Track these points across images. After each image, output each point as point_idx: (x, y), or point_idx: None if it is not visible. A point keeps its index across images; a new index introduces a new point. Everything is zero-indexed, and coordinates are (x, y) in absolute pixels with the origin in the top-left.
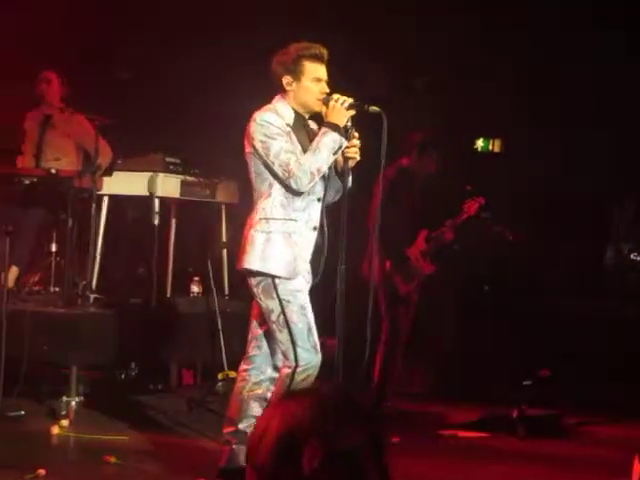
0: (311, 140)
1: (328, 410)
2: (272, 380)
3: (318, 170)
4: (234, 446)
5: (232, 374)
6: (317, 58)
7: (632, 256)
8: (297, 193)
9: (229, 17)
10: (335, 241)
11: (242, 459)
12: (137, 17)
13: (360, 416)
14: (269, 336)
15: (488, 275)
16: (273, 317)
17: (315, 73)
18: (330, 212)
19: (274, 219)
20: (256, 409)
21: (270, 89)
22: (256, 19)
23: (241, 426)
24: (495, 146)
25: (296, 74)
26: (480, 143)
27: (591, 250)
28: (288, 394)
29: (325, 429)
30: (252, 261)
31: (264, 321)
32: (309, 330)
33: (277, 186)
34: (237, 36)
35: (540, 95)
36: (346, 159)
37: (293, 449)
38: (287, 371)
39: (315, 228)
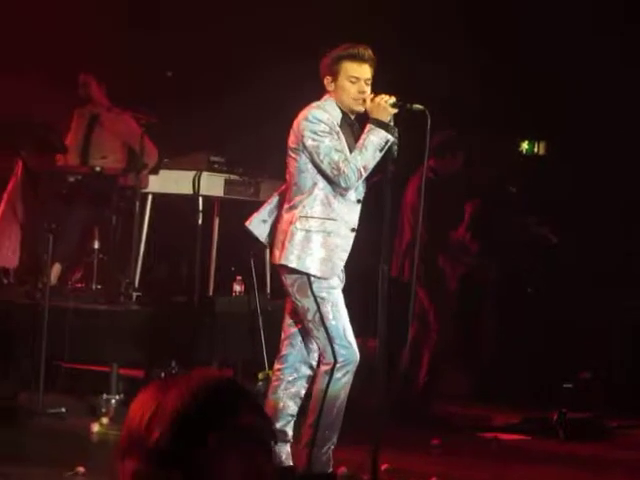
0: (357, 139)
1: (229, 392)
2: (307, 378)
3: (365, 168)
4: None
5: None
6: (356, 57)
7: None
8: (343, 192)
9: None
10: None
11: (282, 457)
12: (179, 14)
13: (252, 404)
14: (304, 334)
15: (531, 277)
16: (309, 316)
17: (352, 72)
18: (366, 212)
19: (314, 217)
20: (292, 408)
21: (317, 87)
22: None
23: (278, 425)
24: (540, 148)
25: (335, 74)
26: (525, 145)
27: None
28: (163, 380)
29: (217, 409)
30: (290, 258)
31: (298, 319)
32: (345, 327)
33: (320, 184)
34: (284, 33)
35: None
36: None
37: (197, 425)
38: (325, 368)
39: (354, 230)
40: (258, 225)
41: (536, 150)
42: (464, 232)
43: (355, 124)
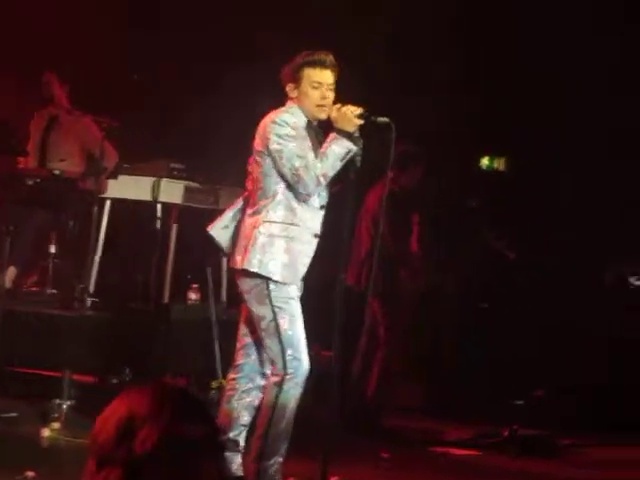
0: (320, 146)
1: (165, 399)
2: (262, 388)
3: (324, 176)
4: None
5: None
6: (318, 64)
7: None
8: (303, 198)
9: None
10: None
11: (234, 467)
12: (143, 19)
13: (198, 413)
14: (258, 344)
15: (486, 292)
16: (263, 324)
17: (315, 77)
18: (326, 220)
19: (277, 222)
20: (246, 418)
21: (278, 94)
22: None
23: (231, 435)
24: (500, 164)
25: (297, 80)
26: (485, 161)
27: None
28: (135, 385)
29: (160, 416)
30: (252, 262)
31: (254, 329)
32: (299, 338)
33: (284, 190)
34: (246, 40)
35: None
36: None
37: (129, 432)
38: (275, 379)
39: (316, 236)
40: (220, 231)
41: (496, 166)
42: (415, 244)
43: (319, 131)
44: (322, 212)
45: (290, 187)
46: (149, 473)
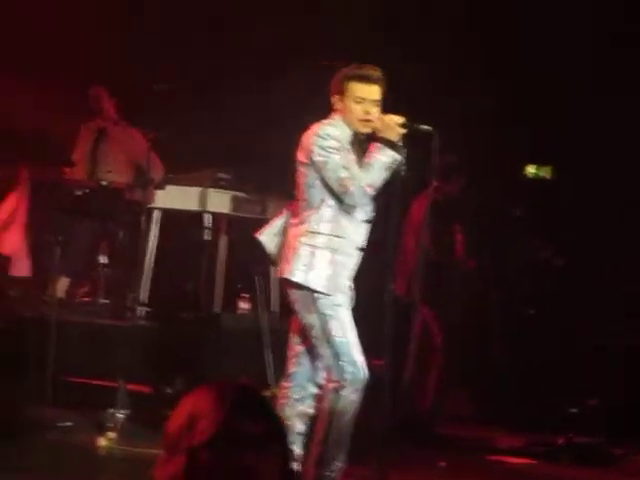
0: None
1: (225, 395)
2: (314, 397)
3: (371, 186)
4: None
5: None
6: (363, 78)
7: None
8: (349, 209)
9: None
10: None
11: None
12: (188, 29)
13: (258, 409)
14: (310, 352)
15: (533, 299)
16: (314, 332)
17: (359, 93)
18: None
19: (321, 234)
20: (299, 426)
21: (326, 104)
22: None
23: None
24: (545, 172)
25: (342, 93)
26: (531, 169)
27: None
28: (205, 385)
29: (219, 410)
30: (294, 272)
31: (305, 337)
32: (352, 345)
33: (329, 201)
34: (294, 49)
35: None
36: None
37: (192, 424)
38: (333, 386)
39: (361, 248)
40: (269, 238)
41: (542, 174)
42: (463, 253)
43: (364, 143)
44: (367, 225)
45: (335, 198)
46: (207, 463)
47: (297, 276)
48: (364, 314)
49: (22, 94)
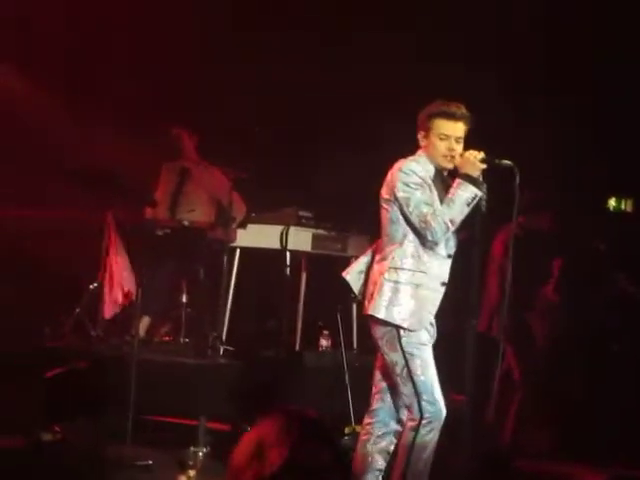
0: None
1: (294, 426)
2: (396, 433)
3: (452, 221)
4: None
5: (359, 429)
6: (448, 115)
7: None
8: (431, 245)
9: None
10: (454, 297)
11: None
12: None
13: (325, 439)
14: (393, 389)
15: (618, 334)
16: (397, 370)
17: (443, 130)
18: (454, 267)
19: (404, 269)
20: (380, 462)
21: (404, 145)
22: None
23: (367, 479)
24: (627, 205)
25: (427, 130)
26: (612, 202)
27: None
28: (267, 415)
29: (289, 441)
30: (378, 308)
31: (388, 374)
32: (433, 384)
33: (411, 236)
34: (371, 87)
35: None
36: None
37: (258, 454)
38: (412, 424)
39: (444, 284)
40: (354, 277)
41: (623, 207)
42: (553, 289)
43: (447, 180)
44: (449, 260)
45: (417, 234)
46: None
47: (381, 312)
48: (447, 349)
49: (106, 136)
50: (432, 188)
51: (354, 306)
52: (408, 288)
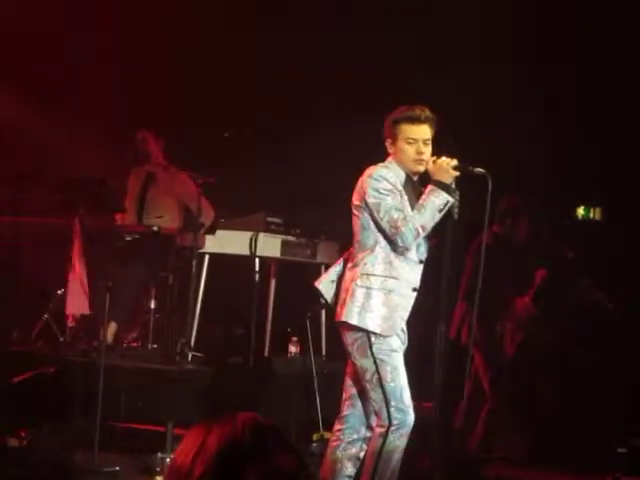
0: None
1: (267, 433)
2: (366, 440)
3: (422, 227)
4: None
5: (327, 435)
6: (412, 119)
7: None
8: (402, 250)
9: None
10: (425, 303)
11: None
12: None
13: (291, 445)
14: (363, 395)
15: (586, 341)
16: (367, 376)
17: (410, 134)
18: (425, 273)
19: (375, 275)
20: (350, 469)
21: (376, 151)
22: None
23: None
24: (596, 214)
25: (394, 136)
26: (581, 211)
27: None
28: (210, 420)
29: (267, 449)
30: (351, 315)
31: (358, 380)
32: (402, 390)
33: (382, 243)
34: (346, 93)
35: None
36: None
37: (234, 465)
38: (380, 430)
39: (415, 289)
40: (326, 286)
41: (592, 215)
42: (531, 299)
43: (418, 186)
44: (421, 266)
45: (388, 240)
46: None
47: (354, 318)
48: (416, 357)
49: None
50: (403, 194)
51: (323, 312)
52: (380, 294)
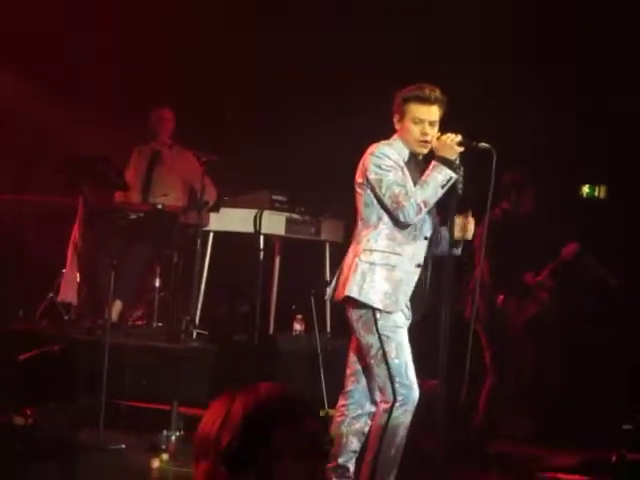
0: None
1: (290, 397)
2: (370, 415)
3: (425, 203)
4: None
5: (332, 412)
6: (422, 99)
7: None
8: (404, 226)
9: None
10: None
11: None
12: (242, 51)
13: (313, 408)
14: (367, 371)
15: (591, 318)
16: (372, 352)
17: (417, 114)
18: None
19: (378, 251)
20: (355, 444)
21: (380, 129)
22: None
23: (340, 461)
24: (601, 192)
25: (401, 114)
26: (586, 189)
27: None
28: (232, 390)
29: (291, 413)
30: (352, 289)
31: (363, 356)
32: (406, 366)
33: (385, 219)
34: (347, 74)
35: None
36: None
37: (261, 430)
38: (385, 406)
39: (419, 265)
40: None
41: (597, 194)
42: (551, 272)
43: (422, 164)
44: (426, 242)
45: (391, 216)
46: (275, 472)
47: (354, 292)
48: (422, 333)
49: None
50: (404, 171)
51: (328, 290)
52: (383, 270)
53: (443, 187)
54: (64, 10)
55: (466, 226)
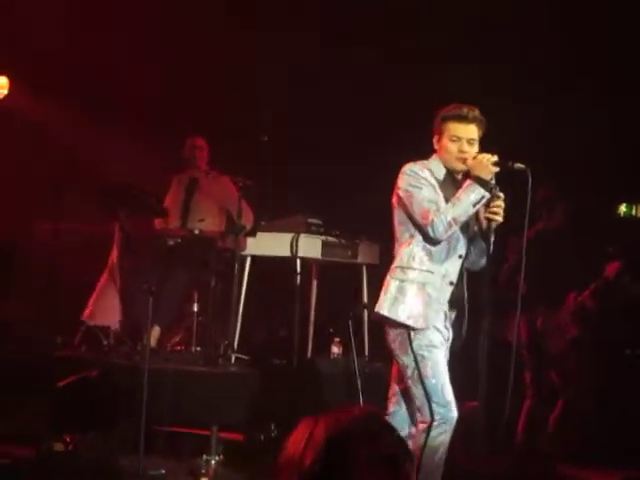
0: None
1: (370, 418)
2: (411, 437)
3: (455, 220)
4: None
5: None
6: (459, 118)
7: None
8: (436, 243)
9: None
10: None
11: None
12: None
13: (392, 427)
14: (407, 393)
15: (629, 339)
16: (408, 372)
17: (455, 132)
18: (470, 273)
19: (410, 268)
20: None
21: (416, 153)
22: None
23: None
24: (638, 211)
25: (440, 133)
26: (623, 208)
27: None
28: (314, 416)
29: (372, 433)
30: (383, 306)
31: (402, 378)
32: (443, 386)
33: (418, 236)
34: (380, 102)
35: None
36: (489, 219)
37: (342, 451)
38: (423, 426)
39: (452, 283)
40: None
41: (634, 212)
42: (593, 293)
43: (459, 184)
44: (460, 260)
45: (422, 232)
46: None
47: (384, 309)
48: (462, 355)
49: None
50: (437, 189)
51: (365, 313)
52: (414, 286)
53: (474, 206)
54: (101, 38)
55: (495, 209)
